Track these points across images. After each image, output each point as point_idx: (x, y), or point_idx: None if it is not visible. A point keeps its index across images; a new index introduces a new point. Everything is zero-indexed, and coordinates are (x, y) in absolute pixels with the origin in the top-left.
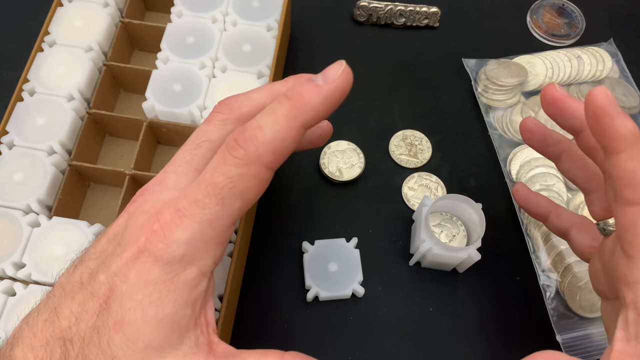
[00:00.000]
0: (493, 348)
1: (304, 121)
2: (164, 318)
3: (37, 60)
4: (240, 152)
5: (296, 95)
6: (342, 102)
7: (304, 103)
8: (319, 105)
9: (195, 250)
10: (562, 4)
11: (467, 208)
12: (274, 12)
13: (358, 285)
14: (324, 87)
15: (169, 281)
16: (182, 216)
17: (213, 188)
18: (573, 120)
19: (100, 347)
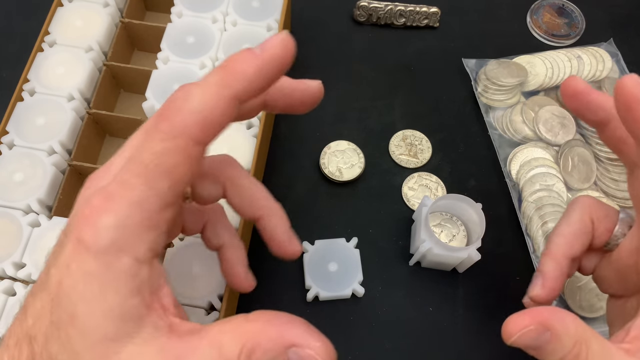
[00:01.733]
0: (493, 348)
1: (236, 91)
2: (111, 310)
3: (37, 60)
4: (164, 124)
5: (229, 63)
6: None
7: (236, 71)
8: (253, 75)
9: (125, 236)
10: (562, 4)
11: (467, 208)
12: (274, 12)
13: (358, 285)
14: (259, 55)
15: (105, 272)
16: (110, 200)
17: (138, 167)
18: (600, 112)
19: (61, 342)
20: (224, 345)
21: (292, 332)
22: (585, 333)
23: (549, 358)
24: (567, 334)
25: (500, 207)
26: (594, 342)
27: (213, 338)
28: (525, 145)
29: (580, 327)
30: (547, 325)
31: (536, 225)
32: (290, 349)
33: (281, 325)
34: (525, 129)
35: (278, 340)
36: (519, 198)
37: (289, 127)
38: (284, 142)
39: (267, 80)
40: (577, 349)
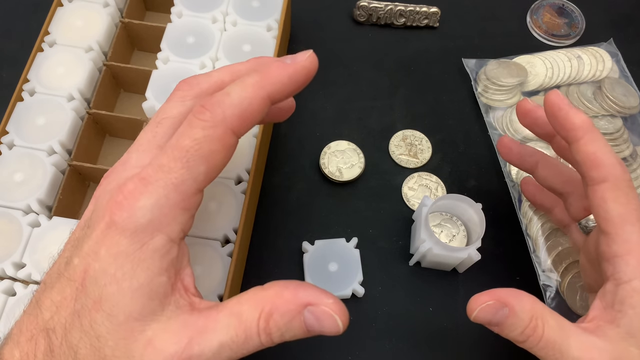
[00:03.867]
0: (493, 348)
1: (270, 92)
2: (140, 288)
3: (37, 60)
4: (206, 114)
5: (265, 69)
6: (305, 84)
7: (271, 76)
8: (285, 79)
9: (161, 216)
10: (562, 4)
11: (467, 208)
12: (274, 12)
13: (358, 285)
14: (291, 65)
15: (138, 250)
16: (146, 183)
17: (179, 151)
18: (545, 126)
19: (83, 330)
20: (243, 313)
21: (306, 293)
22: (542, 310)
23: (510, 334)
24: (523, 309)
25: (500, 207)
26: (550, 318)
27: (232, 308)
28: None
29: (537, 304)
30: (504, 302)
31: (536, 226)
32: (306, 309)
33: (295, 288)
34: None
35: (294, 301)
36: (519, 198)
37: (289, 127)
38: (284, 142)
39: (296, 87)
40: (533, 323)
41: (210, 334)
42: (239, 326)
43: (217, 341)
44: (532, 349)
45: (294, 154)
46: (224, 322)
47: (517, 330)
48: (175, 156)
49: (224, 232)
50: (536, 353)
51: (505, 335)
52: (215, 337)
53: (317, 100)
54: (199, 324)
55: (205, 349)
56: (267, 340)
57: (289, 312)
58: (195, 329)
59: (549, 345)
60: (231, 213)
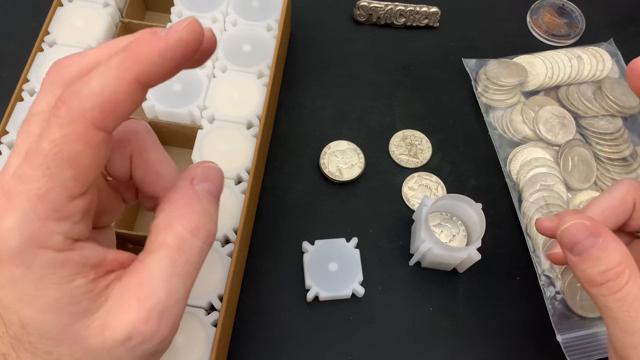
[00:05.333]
0: (493, 348)
1: (138, 73)
2: (57, 301)
3: (37, 60)
4: (62, 109)
5: (132, 45)
6: (185, 60)
7: (139, 53)
8: (157, 57)
9: (34, 232)
10: (562, 4)
11: (467, 208)
12: (274, 12)
13: (358, 285)
14: (163, 38)
15: (29, 271)
16: (9, 198)
17: (38, 157)
18: None
19: (29, 351)
20: (166, 240)
21: (186, 175)
22: (635, 265)
23: (589, 269)
24: (617, 249)
25: (500, 207)
26: (639, 276)
27: (151, 247)
28: (525, 145)
29: (631, 257)
30: (599, 232)
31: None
32: (195, 185)
33: (180, 183)
34: (525, 128)
35: (189, 193)
36: (519, 198)
37: (289, 127)
38: (284, 142)
39: (172, 65)
40: (621, 268)
41: (151, 280)
42: (170, 251)
43: (161, 280)
44: (604, 297)
45: (294, 154)
46: (155, 261)
47: (599, 267)
48: (35, 163)
49: (224, 232)
50: (606, 304)
51: (580, 271)
52: (158, 278)
53: (317, 100)
54: (135, 282)
55: (156, 294)
56: (205, 235)
57: (194, 199)
58: (135, 288)
59: (628, 300)
60: (231, 213)
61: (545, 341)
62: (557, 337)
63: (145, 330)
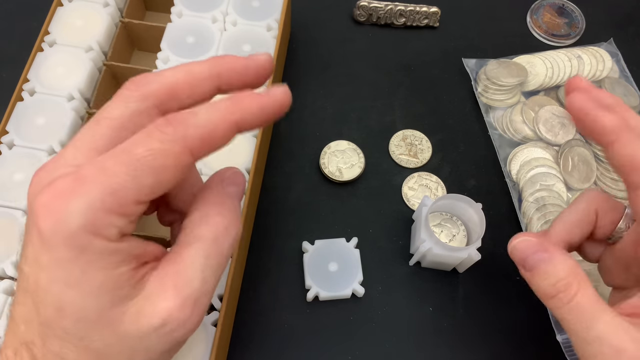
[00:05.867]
0: (493, 348)
1: (239, 120)
2: (101, 285)
3: (37, 60)
4: (169, 128)
5: (238, 96)
6: (275, 118)
7: (243, 103)
8: (256, 109)
9: (95, 220)
10: (562, 4)
11: (467, 208)
12: (274, 12)
13: (358, 285)
14: (265, 96)
15: (81, 255)
16: (82, 183)
17: (128, 157)
18: None
19: (59, 336)
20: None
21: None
22: (584, 276)
23: (541, 282)
24: (564, 262)
25: (500, 207)
26: (588, 287)
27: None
28: (525, 145)
29: (580, 269)
30: (548, 249)
31: (536, 226)
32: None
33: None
34: (525, 128)
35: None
36: (519, 198)
37: (289, 127)
38: (284, 142)
39: (266, 119)
40: (569, 280)
41: (187, 270)
42: (205, 244)
43: (197, 270)
44: (559, 310)
45: (294, 154)
46: (191, 253)
47: (549, 280)
48: (123, 161)
49: None
50: (562, 317)
51: (534, 285)
52: (193, 268)
53: (317, 100)
54: (172, 271)
55: (192, 283)
56: (235, 229)
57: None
58: (172, 277)
59: (579, 312)
60: None
61: (545, 341)
62: (557, 337)
63: (180, 317)
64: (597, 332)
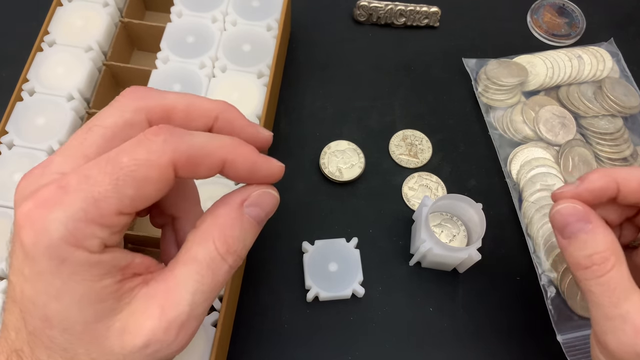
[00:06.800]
0: (493, 348)
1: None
2: (83, 297)
3: (37, 60)
4: (159, 138)
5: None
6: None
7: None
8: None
9: (76, 230)
10: (562, 4)
11: (467, 208)
12: (274, 12)
13: (358, 285)
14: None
15: (62, 266)
16: (65, 192)
17: (112, 167)
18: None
19: (47, 346)
20: (197, 254)
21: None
22: (621, 253)
23: (576, 252)
24: (605, 236)
25: (500, 207)
26: (624, 264)
27: (183, 259)
28: (525, 145)
29: (619, 246)
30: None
31: (537, 226)
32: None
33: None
34: (525, 128)
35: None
36: (519, 198)
37: (289, 127)
38: (284, 142)
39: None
40: (607, 253)
41: (177, 291)
42: (199, 267)
43: (187, 292)
44: (588, 281)
45: (294, 154)
46: (184, 274)
47: (586, 250)
48: (107, 170)
49: None
50: (590, 288)
51: (568, 254)
52: (184, 290)
53: (317, 100)
54: (162, 290)
55: (179, 306)
56: (234, 259)
57: (237, 221)
58: (160, 296)
59: (610, 286)
60: None
61: (546, 341)
62: (558, 337)
63: (164, 340)
64: (623, 310)
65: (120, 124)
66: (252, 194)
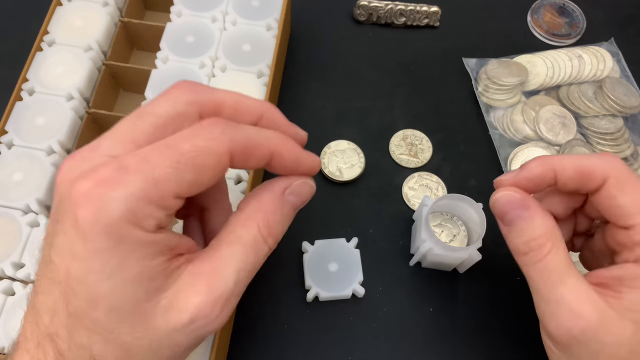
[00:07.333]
0: (493, 348)
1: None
2: (136, 276)
3: (37, 60)
4: (218, 128)
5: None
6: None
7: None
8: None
9: (136, 209)
10: (562, 4)
11: (467, 208)
12: (274, 11)
13: (358, 285)
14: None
15: (119, 244)
16: (125, 172)
17: (173, 152)
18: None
19: (88, 328)
20: (243, 236)
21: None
22: (559, 238)
23: (515, 239)
24: (542, 223)
25: None
26: (562, 249)
27: (228, 239)
28: (525, 145)
29: (557, 232)
30: (530, 207)
31: None
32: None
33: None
34: (526, 128)
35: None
36: None
37: None
38: None
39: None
40: (543, 240)
41: (222, 270)
42: (244, 247)
43: (232, 271)
44: (527, 267)
45: None
46: (229, 253)
47: (523, 237)
48: (167, 154)
49: None
50: (529, 274)
51: (509, 240)
52: (229, 269)
53: (317, 100)
54: (208, 268)
55: (225, 283)
56: (274, 242)
57: (279, 207)
58: (207, 273)
59: (547, 271)
60: None
61: None
62: None
63: (209, 315)
64: (559, 294)
65: (172, 114)
66: (294, 183)
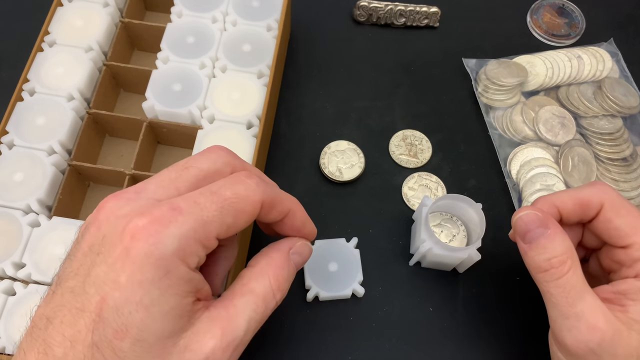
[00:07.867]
0: (493, 348)
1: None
2: (170, 310)
3: (37, 60)
4: (254, 180)
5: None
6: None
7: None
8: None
9: (186, 246)
10: (562, 4)
11: (467, 208)
12: (274, 12)
13: (358, 285)
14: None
15: (164, 277)
16: (178, 213)
17: (218, 197)
18: None
19: (106, 359)
20: (255, 288)
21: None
22: (577, 258)
23: (536, 257)
24: (563, 241)
25: (500, 207)
26: (579, 267)
27: (242, 291)
28: (525, 145)
29: (574, 251)
30: (551, 226)
31: None
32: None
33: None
34: (525, 128)
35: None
36: (519, 198)
37: (289, 127)
38: (284, 142)
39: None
40: (564, 257)
41: (236, 318)
42: (256, 298)
43: (245, 320)
44: (548, 283)
45: (294, 154)
46: (242, 303)
47: (545, 255)
48: (213, 200)
49: None
50: (549, 290)
51: (529, 258)
52: (242, 317)
53: (317, 100)
54: (223, 315)
55: (237, 330)
56: (281, 296)
57: (286, 264)
58: (222, 320)
59: (567, 287)
60: None
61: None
62: None
63: (221, 359)
64: (578, 309)
65: (212, 170)
66: (297, 244)
